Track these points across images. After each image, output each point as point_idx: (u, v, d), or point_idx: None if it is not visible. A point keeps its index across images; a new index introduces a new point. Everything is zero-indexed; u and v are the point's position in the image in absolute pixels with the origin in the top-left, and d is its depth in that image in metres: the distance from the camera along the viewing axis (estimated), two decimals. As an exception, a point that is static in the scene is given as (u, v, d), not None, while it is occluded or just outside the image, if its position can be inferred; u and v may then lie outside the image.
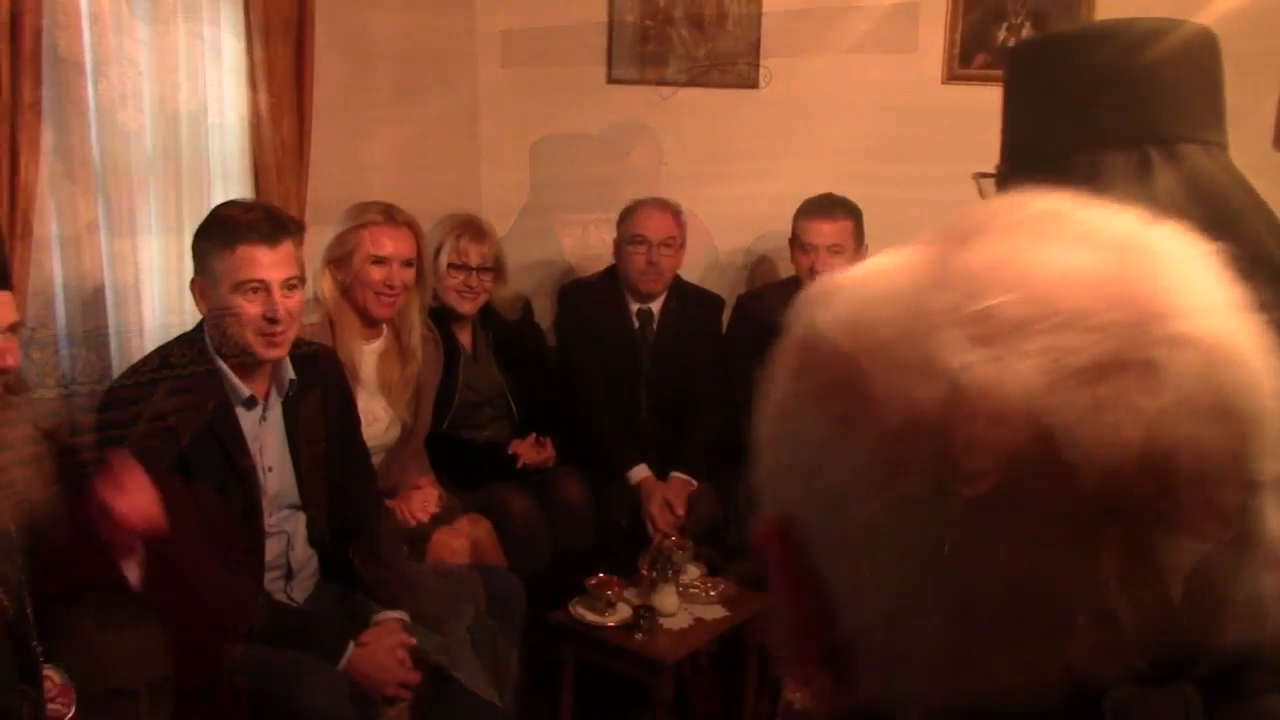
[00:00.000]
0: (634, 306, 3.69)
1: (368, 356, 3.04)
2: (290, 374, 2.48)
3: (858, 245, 3.59)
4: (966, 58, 3.78)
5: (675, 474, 3.54)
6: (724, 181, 4.00)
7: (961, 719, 0.51)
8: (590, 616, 2.91)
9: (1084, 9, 3.65)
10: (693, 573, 3.15)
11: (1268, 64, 3.57)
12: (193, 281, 2.41)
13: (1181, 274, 0.53)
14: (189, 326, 2.77)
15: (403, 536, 2.85)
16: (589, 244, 4.04)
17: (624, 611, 2.92)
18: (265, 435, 2.46)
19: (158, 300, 2.97)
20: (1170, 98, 1.20)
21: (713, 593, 3.08)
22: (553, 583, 3.18)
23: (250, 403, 2.42)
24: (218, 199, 3.11)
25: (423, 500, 3.00)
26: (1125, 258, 0.53)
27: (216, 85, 3.15)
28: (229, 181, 3.21)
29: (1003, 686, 0.49)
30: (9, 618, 1.80)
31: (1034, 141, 1.28)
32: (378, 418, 3.00)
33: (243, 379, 2.40)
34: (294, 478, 2.52)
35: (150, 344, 2.87)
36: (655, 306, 3.70)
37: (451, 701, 2.64)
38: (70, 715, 1.90)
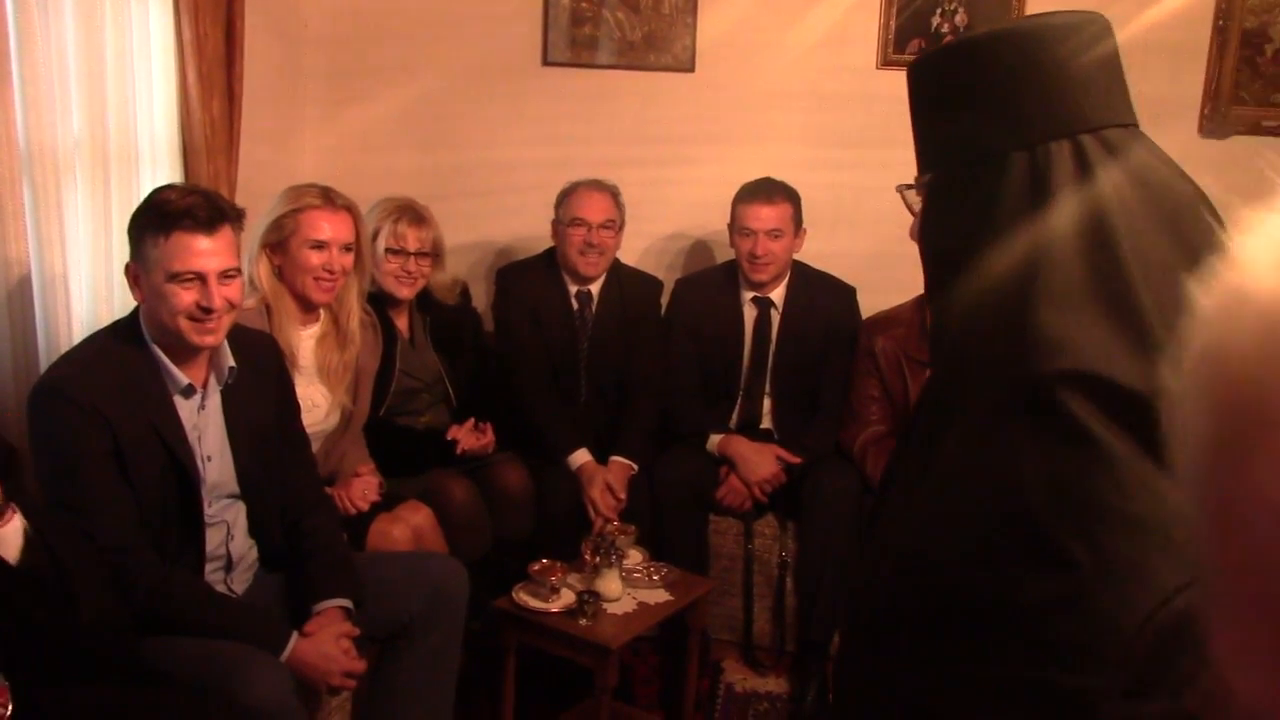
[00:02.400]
0: (573, 289, 3.68)
1: (305, 342, 2.99)
2: (230, 361, 2.43)
3: (796, 229, 3.62)
4: (901, 43, 3.83)
5: (615, 458, 3.54)
6: (660, 165, 4.01)
7: None
8: (533, 602, 2.90)
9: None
10: (635, 557, 3.16)
11: (1194, 54, 3.65)
12: (127, 266, 2.34)
13: None
14: (118, 315, 2.70)
15: (343, 524, 2.81)
16: (525, 226, 4.02)
17: (567, 597, 2.91)
18: (204, 424, 2.41)
19: (86, 287, 2.89)
20: (1092, 87, 1.22)
21: (655, 577, 3.08)
22: (494, 569, 3.17)
23: (188, 391, 2.36)
24: (146, 181, 3.04)
25: (363, 488, 2.97)
26: None
27: (145, 65, 3.07)
28: (158, 163, 3.14)
29: None
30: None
31: (963, 146, 1.27)
32: (316, 404, 2.95)
33: (180, 367, 2.34)
34: (233, 467, 2.47)
35: (79, 333, 2.79)
36: (594, 289, 3.69)
37: (395, 690, 2.62)
38: (7, 714, 1.85)
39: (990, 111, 1.23)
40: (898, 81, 1.39)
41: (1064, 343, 1.07)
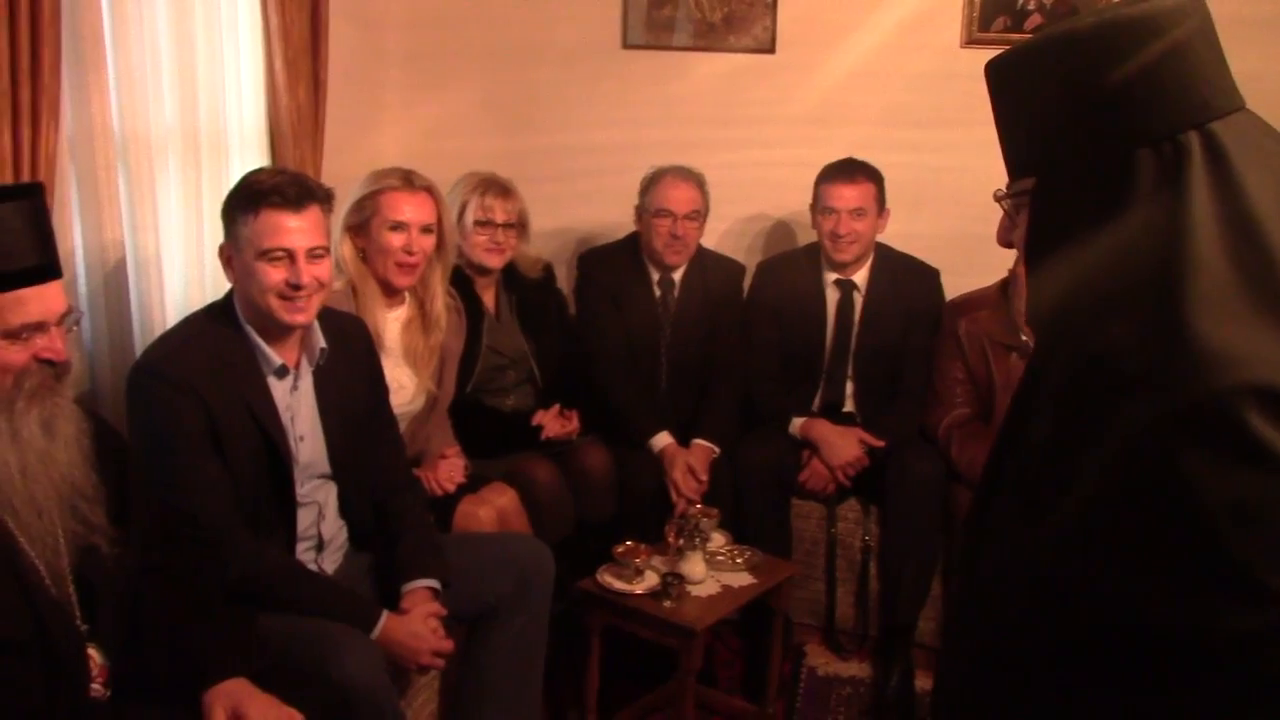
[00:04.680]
0: (655, 276, 3.67)
1: (391, 324, 3.01)
2: (321, 342, 2.45)
3: (879, 209, 3.57)
4: (986, 21, 3.76)
5: (697, 440, 3.53)
6: (740, 147, 3.98)
7: None
8: (618, 584, 2.90)
9: (1105, -30, 3.62)
10: (718, 540, 3.15)
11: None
12: (221, 248, 2.38)
13: None
14: (209, 297, 2.75)
15: (430, 506, 2.83)
16: (606, 211, 4.02)
17: (651, 579, 2.91)
18: (297, 404, 2.43)
19: (178, 270, 2.94)
20: (1208, 72, 1.14)
21: (739, 560, 3.07)
22: (576, 551, 3.18)
23: (282, 371, 2.39)
24: (236, 166, 3.09)
25: (450, 470, 2.99)
26: None
27: (233, 53, 3.12)
28: (246, 149, 3.19)
29: None
30: (52, 597, 1.78)
31: (1074, 148, 1.17)
32: (403, 386, 2.97)
33: (273, 347, 2.37)
34: (325, 447, 2.49)
35: (172, 315, 2.84)
36: (677, 274, 3.68)
37: (483, 671, 2.64)
38: (106, 695, 1.88)
39: (1105, 108, 1.13)
40: (983, 60, 1.31)
41: (1233, 354, 1.00)
